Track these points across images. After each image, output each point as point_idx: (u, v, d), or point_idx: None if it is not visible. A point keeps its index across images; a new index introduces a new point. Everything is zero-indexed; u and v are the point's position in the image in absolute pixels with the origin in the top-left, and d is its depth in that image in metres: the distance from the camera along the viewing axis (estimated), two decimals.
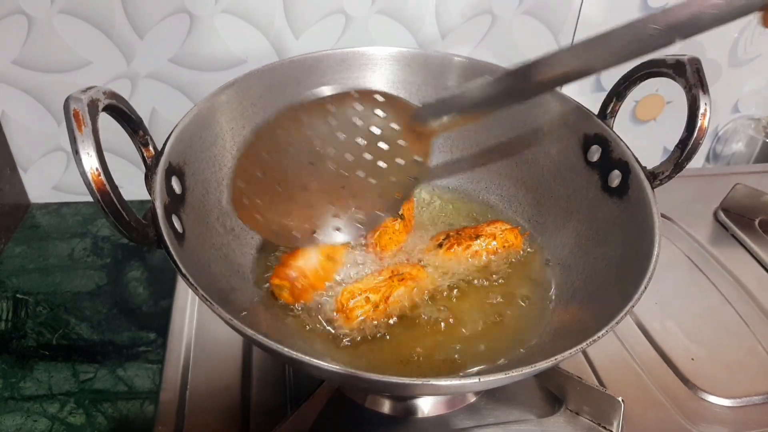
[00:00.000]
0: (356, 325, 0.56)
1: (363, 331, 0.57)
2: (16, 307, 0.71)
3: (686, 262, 0.79)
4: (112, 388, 0.62)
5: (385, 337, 0.57)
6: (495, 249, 0.65)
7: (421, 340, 0.57)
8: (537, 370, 0.42)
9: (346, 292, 0.57)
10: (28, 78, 0.75)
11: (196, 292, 0.43)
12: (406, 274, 0.60)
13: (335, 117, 0.52)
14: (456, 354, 0.56)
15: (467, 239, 0.65)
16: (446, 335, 0.58)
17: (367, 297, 0.57)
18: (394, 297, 0.58)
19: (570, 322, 0.57)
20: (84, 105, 0.40)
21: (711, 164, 1.08)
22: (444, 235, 0.66)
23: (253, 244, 0.64)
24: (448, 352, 0.56)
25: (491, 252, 0.65)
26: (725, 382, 0.63)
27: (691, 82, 0.55)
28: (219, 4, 0.74)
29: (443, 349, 0.56)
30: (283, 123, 0.52)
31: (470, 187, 0.74)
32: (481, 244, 0.64)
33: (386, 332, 0.57)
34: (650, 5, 0.84)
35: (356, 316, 0.56)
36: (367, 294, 0.57)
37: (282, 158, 0.53)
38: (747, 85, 0.97)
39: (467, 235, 0.65)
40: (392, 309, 0.58)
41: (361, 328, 0.57)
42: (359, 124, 0.53)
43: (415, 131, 0.53)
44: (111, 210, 0.41)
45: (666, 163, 0.57)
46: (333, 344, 0.56)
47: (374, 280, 0.59)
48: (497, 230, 0.66)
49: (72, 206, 0.86)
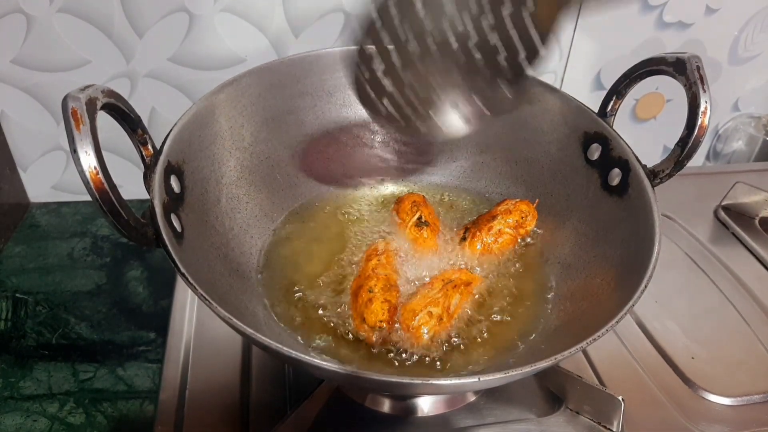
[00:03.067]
0: (425, 342, 0.55)
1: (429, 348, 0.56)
2: (16, 306, 0.70)
3: (686, 260, 0.79)
4: (111, 387, 0.62)
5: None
6: (514, 223, 0.66)
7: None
8: (537, 369, 0.42)
9: (407, 311, 0.56)
10: (28, 77, 0.75)
11: (195, 291, 0.43)
12: (456, 280, 0.59)
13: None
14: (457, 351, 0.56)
15: (486, 223, 0.66)
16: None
17: (429, 312, 0.56)
18: (453, 305, 0.57)
19: (570, 321, 0.57)
20: (82, 104, 0.40)
21: (711, 162, 1.08)
22: (463, 229, 0.67)
23: (252, 244, 0.64)
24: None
25: (511, 226, 0.65)
26: (725, 380, 0.63)
27: (692, 80, 0.54)
28: (218, 3, 0.74)
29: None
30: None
31: (470, 186, 0.74)
32: (501, 221, 0.65)
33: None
34: (650, 3, 0.84)
35: (422, 334, 0.55)
36: (428, 309, 0.56)
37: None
38: (747, 83, 0.97)
39: (485, 220, 0.66)
40: (456, 319, 0.58)
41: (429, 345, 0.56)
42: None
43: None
44: (109, 209, 0.41)
45: (666, 161, 0.57)
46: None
47: (430, 293, 0.58)
48: (510, 206, 0.67)
49: (71, 206, 0.86)
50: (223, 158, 0.62)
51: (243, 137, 0.64)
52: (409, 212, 0.67)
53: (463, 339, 0.57)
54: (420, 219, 0.66)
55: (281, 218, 0.68)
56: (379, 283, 0.57)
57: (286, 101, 0.68)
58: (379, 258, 0.61)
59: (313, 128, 0.71)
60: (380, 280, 0.58)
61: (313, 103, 0.70)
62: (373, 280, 0.58)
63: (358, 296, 0.57)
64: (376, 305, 0.56)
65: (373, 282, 0.58)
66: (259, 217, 0.66)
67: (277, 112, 0.67)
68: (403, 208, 0.68)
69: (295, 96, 0.68)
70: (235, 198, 0.63)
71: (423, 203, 0.69)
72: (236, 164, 0.64)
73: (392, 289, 0.58)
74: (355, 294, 0.58)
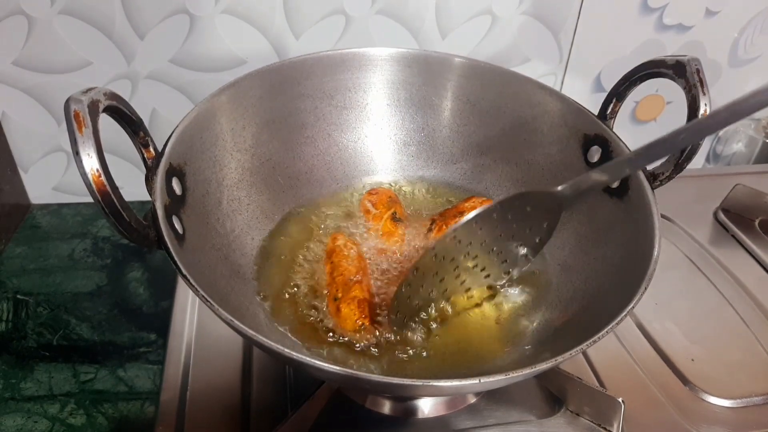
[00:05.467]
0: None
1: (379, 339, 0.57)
2: (17, 307, 0.71)
3: (686, 262, 0.79)
4: (112, 388, 0.62)
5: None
6: None
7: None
8: (537, 371, 0.42)
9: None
10: (29, 78, 0.76)
11: (196, 292, 0.43)
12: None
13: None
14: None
15: (453, 217, 0.66)
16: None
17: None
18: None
19: (570, 323, 0.57)
20: (84, 106, 0.40)
21: (711, 165, 1.08)
22: (430, 221, 0.68)
23: (253, 245, 0.64)
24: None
25: None
26: (725, 382, 0.63)
27: (691, 83, 0.55)
28: (219, 5, 0.74)
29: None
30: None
31: (471, 187, 0.74)
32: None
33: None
34: (650, 5, 0.84)
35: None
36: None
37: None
38: (747, 85, 0.97)
39: (450, 215, 0.67)
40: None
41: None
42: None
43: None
44: (111, 211, 0.41)
45: (666, 163, 0.57)
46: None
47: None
48: (476, 202, 0.68)
49: (72, 207, 0.86)
50: (225, 160, 0.62)
51: (244, 139, 0.64)
52: (386, 205, 0.68)
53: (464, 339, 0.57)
54: (394, 215, 0.68)
55: (282, 219, 0.68)
56: (340, 288, 0.59)
57: (286, 103, 0.68)
58: (331, 260, 0.62)
59: (314, 130, 0.71)
60: (339, 284, 0.59)
61: (313, 105, 0.70)
62: (333, 287, 0.59)
63: (331, 307, 0.59)
64: (345, 311, 0.57)
65: (334, 289, 0.59)
66: (260, 218, 0.66)
67: (278, 114, 0.68)
68: (381, 200, 0.69)
69: (295, 98, 0.69)
70: (237, 200, 0.63)
71: (397, 200, 0.70)
72: (237, 166, 0.64)
73: (354, 285, 0.59)
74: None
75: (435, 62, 0.71)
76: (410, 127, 0.74)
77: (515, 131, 0.70)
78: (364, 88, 0.72)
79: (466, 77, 0.71)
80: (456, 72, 0.71)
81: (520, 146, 0.71)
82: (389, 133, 0.74)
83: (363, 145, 0.74)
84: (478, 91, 0.72)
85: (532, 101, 0.69)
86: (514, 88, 0.70)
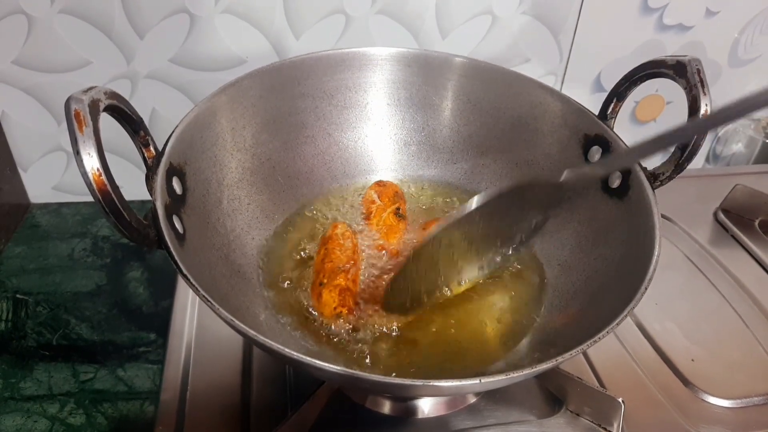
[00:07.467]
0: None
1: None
2: (16, 307, 0.70)
3: (686, 262, 0.79)
4: (112, 388, 0.62)
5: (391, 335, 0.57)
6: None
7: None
8: (537, 371, 0.42)
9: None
10: (29, 78, 0.75)
11: (196, 292, 0.43)
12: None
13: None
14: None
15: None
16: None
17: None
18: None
19: (570, 323, 0.57)
20: (85, 105, 0.40)
21: (711, 165, 1.08)
22: (425, 224, 0.68)
23: (253, 245, 0.64)
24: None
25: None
26: (725, 382, 0.63)
27: (692, 83, 0.55)
28: (219, 4, 0.74)
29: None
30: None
31: (471, 187, 0.74)
32: None
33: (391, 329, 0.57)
34: (650, 6, 0.84)
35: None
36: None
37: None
38: (747, 85, 0.97)
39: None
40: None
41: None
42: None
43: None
44: (112, 210, 0.41)
45: (666, 163, 0.57)
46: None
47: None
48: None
49: (72, 206, 0.86)
50: (225, 160, 0.62)
51: (244, 139, 0.64)
52: (392, 198, 0.69)
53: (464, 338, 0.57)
54: (398, 210, 0.68)
55: (282, 219, 0.68)
56: (327, 274, 0.59)
57: (286, 103, 0.68)
58: (326, 246, 0.63)
59: (314, 130, 0.71)
60: (327, 271, 0.59)
61: (314, 105, 0.70)
62: (321, 273, 0.59)
63: (314, 291, 0.59)
64: (326, 297, 0.57)
65: (321, 275, 0.59)
66: (260, 218, 0.66)
67: (278, 114, 0.68)
68: (387, 193, 0.69)
69: (295, 97, 0.68)
70: (237, 199, 0.63)
71: (402, 197, 0.71)
72: (237, 166, 0.64)
73: (340, 274, 0.59)
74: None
75: (435, 62, 0.71)
76: (410, 126, 0.74)
77: (516, 131, 0.70)
78: (365, 88, 0.72)
79: (467, 77, 0.71)
80: (456, 72, 0.71)
81: (521, 146, 0.71)
82: (389, 132, 0.74)
83: (363, 144, 0.74)
84: (479, 91, 0.72)
85: (532, 101, 0.69)
86: (515, 88, 0.70)
